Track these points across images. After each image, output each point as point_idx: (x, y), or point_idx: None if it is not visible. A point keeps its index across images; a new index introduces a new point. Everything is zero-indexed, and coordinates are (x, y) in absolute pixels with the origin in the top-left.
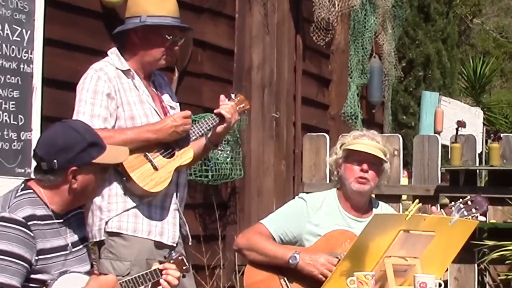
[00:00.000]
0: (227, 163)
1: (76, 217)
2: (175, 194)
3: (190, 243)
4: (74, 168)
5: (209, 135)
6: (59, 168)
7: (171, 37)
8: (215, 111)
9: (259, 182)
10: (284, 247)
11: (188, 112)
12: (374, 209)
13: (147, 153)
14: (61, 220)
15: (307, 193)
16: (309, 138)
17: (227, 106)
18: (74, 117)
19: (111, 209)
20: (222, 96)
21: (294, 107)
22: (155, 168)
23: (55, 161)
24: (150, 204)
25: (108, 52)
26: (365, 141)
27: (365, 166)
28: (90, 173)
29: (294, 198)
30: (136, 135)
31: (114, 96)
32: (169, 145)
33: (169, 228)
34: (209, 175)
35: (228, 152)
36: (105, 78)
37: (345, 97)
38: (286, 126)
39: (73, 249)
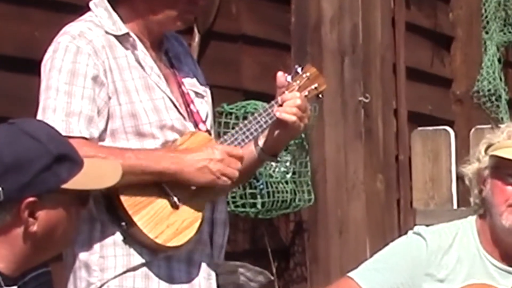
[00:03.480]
0: (286, 183)
1: (38, 281)
2: (208, 239)
3: None
4: (31, 199)
5: (261, 142)
6: (7, 199)
7: None
8: (276, 114)
9: (341, 211)
10: None
11: (240, 152)
12: None
13: (162, 183)
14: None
15: (426, 226)
16: (422, 136)
17: (293, 101)
18: (39, 118)
19: (106, 267)
20: (280, 75)
21: (395, 85)
22: (175, 206)
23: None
24: (170, 259)
25: (91, 5)
26: None
27: None
28: (59, 207)
29: (400, 235)
30: (146, 162)
31: (104, 81)
32: None
33: None
34: (258, 204)
35: (287, 163)
36: (89, 49)
37: (478, 65)
38: (383, 117)
39: None
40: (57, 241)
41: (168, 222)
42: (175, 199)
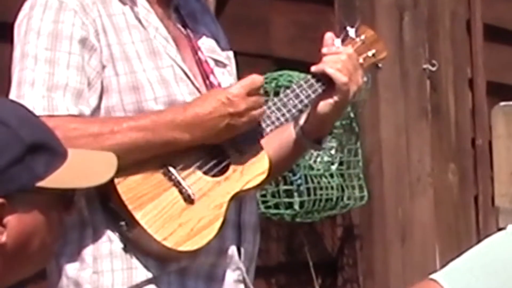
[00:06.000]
0: (332, 176)
1: None
2: (234, 248)
3: None
4: None
5: (301, 121)
6: None
7: None
8: (313, 69)
9: (403, 212)
10: None
11: (257, 80)
12: None
13: (169, 168)
14: None
15: None
16: (506, 113)
17: (338, 57)
18: (13, 94)
19: (102, 285)
20: (328, 36)
21: (470, 48)
22: (189, 200)
23: None
24: (185, 273)
25: None
26: None
27: None
28: (35, 210)
29: (478, 240)
30: (149, 133)
31: (95, 44)
32: (217, 148)
33: None
34: (296, 204)
35: (332, 151)
36: (75, 5)
37: None
38: (454, 90)
39: None
40: (33, 255)
41: (180, 221)
42: (190, 191)
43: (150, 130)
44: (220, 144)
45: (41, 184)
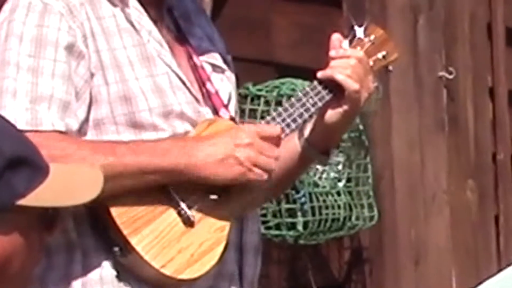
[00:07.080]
0: (338, 194)
1: None
2: (235, 271)
3: None
4: None
5: (307, 132)
6: None
7: None
8: (319, 75)
9: (417, 233)
10: None
11: (275, 129)
12: None
13: (170, 189)
14: None
15: None
16: None
17: (347, 61)
18: None
19: None
20: (335, 38)
21: (491, 54)
22: (188, 222)
23: None
24: None
25: None
26: None
27: None
28: (14, 231)
29: (499, 264)
30: (146, 158)
31: (83, 51)
32: None
33: None
34: (299, 224)
35: (340, 167)
36: (61, 7)
37: None
38: (474, 100)
39: None
40: (12, 279)
41: (180, 246)
42: (189, 212)
43: (148, 156)
44: None
45: (21, 202)
